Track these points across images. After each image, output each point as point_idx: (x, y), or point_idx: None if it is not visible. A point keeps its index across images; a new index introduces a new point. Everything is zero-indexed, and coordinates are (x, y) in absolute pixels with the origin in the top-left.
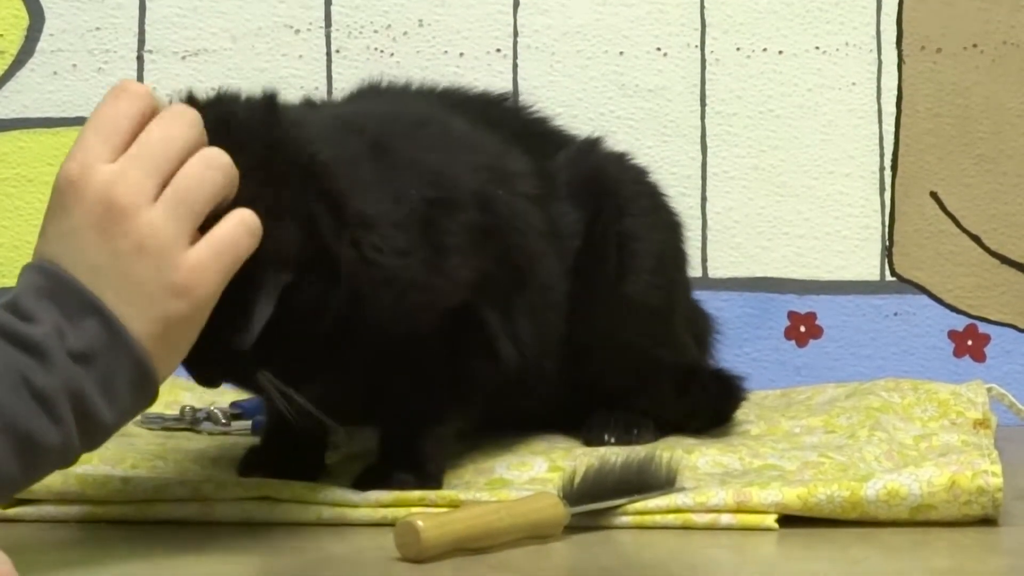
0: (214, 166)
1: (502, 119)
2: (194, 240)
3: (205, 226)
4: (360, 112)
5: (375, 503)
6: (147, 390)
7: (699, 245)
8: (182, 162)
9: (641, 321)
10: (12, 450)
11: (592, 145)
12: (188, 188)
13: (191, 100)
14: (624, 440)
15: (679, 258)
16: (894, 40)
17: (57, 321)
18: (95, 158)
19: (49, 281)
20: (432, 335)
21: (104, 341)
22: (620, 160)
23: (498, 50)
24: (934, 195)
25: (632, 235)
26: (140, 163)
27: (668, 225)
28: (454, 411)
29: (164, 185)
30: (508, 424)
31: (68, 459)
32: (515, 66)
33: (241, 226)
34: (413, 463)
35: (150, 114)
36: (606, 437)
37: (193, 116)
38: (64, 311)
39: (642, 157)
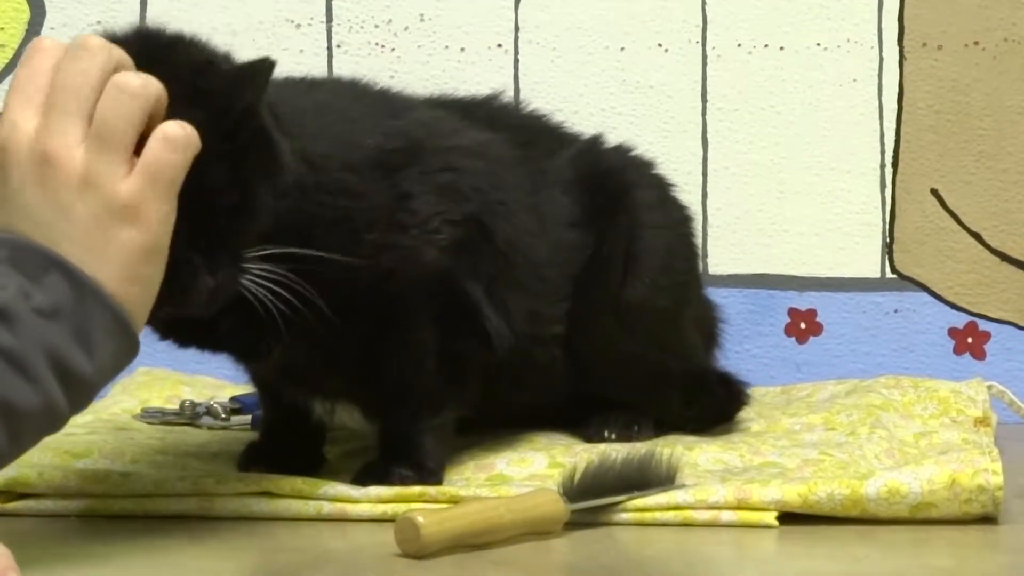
0: (128, 92)
1: (491, 117)
2: (132, 169)
3: None
4: (307, 81)
5: (375, 499)
6: (124, 335)
7: (700, 241)
8: (100, 93)
9: (647, 328)
10: None
11: (592, 142)
12: (107, 120)
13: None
14: (624, 437)
15: (689, 255)
16: (895, 37)
17: (20, 284)
18: (20, 119)
19: (6, 248)
20: (418, 311)
21: (70, 293)
22: (622, 153)
23: (499, 45)
24: (935, 192)
25: (636, 235)
26: (59, 109)
27: (675, 221)
28: (449, 397)
29: (90, 123)
30: (509, 421)
31: (55, 421)
32: (516, 61)
33: (165, 142)
34: (413, 459)
35: None
36: (606, 434)
37: (96, 43)
38: (26, 273)
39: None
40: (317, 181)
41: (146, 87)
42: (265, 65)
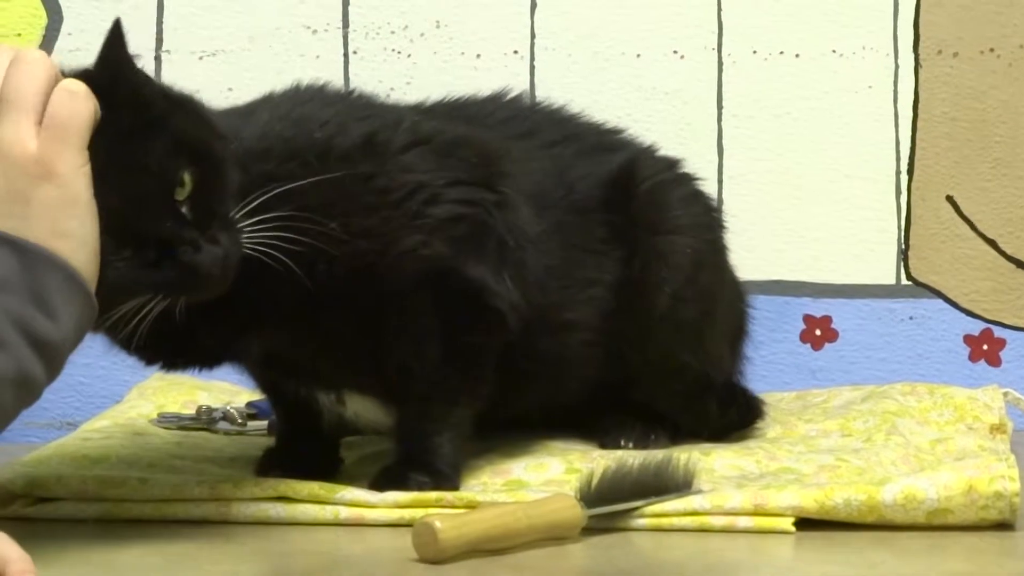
0: (25, 60)
1: (488, 113)
2: None
3: None
4: (259, 98)
5: (392, 504)
6: (79, 292)
7: None
8: None
9: (671, 338)
10: None
11: (612, 135)
12: (10, 88)
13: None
14: (641, 445)
15: (717, 261)
16: (911, 44)
17: None
18: None
19: None
20: (413, 298)
21: (17, 262)
22: (637, 147)
23: (515, 51)
24: (950, 199)
25: (657, 238)
26: None
27: (702, 224)
28: (462, 389)
29: None
30: (526, 424)
31: (32, 388)
32: (532, 68)
33: (64, 94)
34: (430, 464)
35: None
36: (623, 442)
37: (3, 47)
38: None
39: None
40: (264, 171)
41: (44, 57)
42: (113, 25)
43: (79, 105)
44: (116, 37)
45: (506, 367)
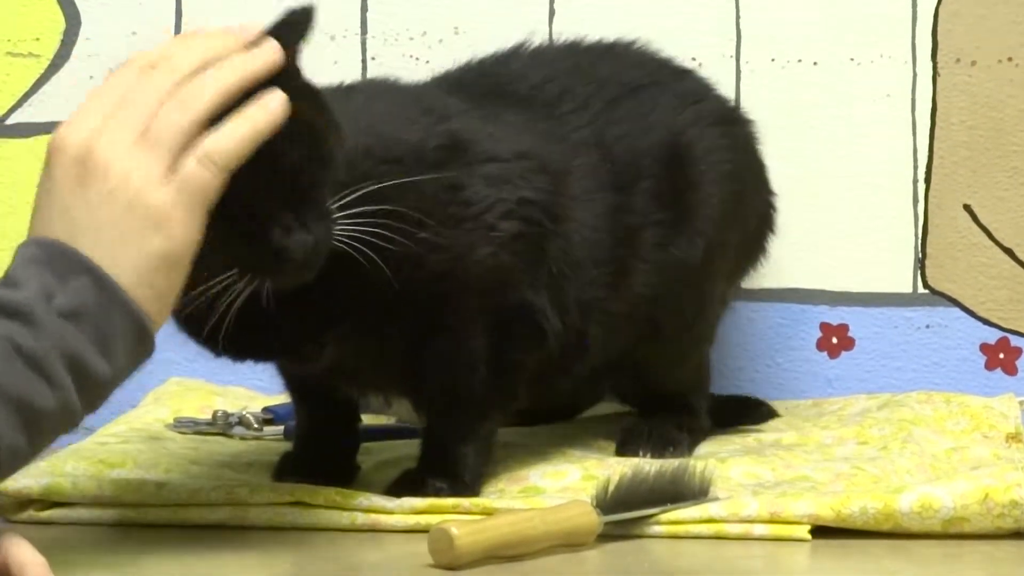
0: (183, 104)
1: (519, 76)
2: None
3: None
4: (343, 87)
5: (409, 510)
6: (144, 342)
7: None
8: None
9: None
10: (12, 418)
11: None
12: (158, 131)
13: None
14: (658, 455)
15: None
16: (929, 52)
17: (45, 284)
18: (82, 121)
19: (39, 249)
20: (472, 318)
21: (95, 297)
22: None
23: None
24: (967, 208)
25: (691, 184)
26: (119, 117)
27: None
28: (497, 405)
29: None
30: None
31: (70, 421)
32: None
33: (202, 158)
34: (450, 472)
35: None
36: (640, 452)
37: (180, 55)
38: (54, 273)
39: None
40: (363, 169)
41: (202, 96)
42: (302, 10)
43: (209, 174)
44: (299, 24)
45: (540, 384)
